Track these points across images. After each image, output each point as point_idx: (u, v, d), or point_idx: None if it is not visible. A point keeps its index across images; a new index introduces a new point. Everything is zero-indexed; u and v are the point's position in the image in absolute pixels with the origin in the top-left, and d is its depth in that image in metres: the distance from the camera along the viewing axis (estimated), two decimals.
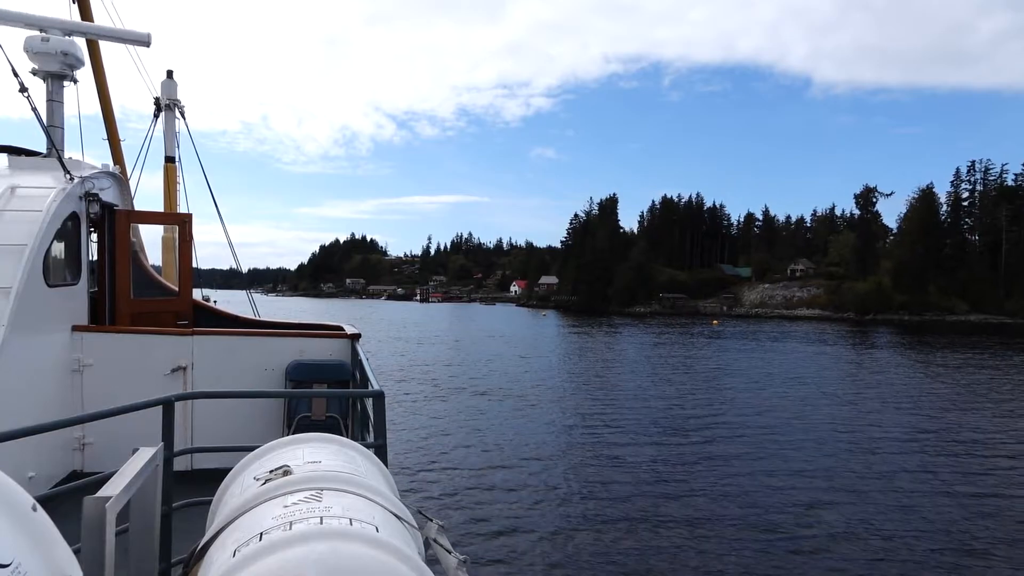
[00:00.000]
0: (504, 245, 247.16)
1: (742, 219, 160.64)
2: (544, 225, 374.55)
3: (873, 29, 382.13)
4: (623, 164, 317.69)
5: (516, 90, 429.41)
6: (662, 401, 23.97)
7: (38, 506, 1.40)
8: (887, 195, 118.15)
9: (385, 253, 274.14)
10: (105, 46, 10.34)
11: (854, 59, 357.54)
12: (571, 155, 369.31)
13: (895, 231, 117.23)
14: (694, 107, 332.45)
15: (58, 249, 5.95)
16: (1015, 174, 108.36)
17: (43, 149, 6.69)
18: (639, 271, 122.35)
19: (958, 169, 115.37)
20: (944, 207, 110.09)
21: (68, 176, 6.12)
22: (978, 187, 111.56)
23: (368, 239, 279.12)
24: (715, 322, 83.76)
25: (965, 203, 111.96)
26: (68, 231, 6.08)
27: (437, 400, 23.32)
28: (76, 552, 1.57)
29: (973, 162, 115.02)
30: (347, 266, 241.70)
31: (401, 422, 18.72)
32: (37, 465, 5.36)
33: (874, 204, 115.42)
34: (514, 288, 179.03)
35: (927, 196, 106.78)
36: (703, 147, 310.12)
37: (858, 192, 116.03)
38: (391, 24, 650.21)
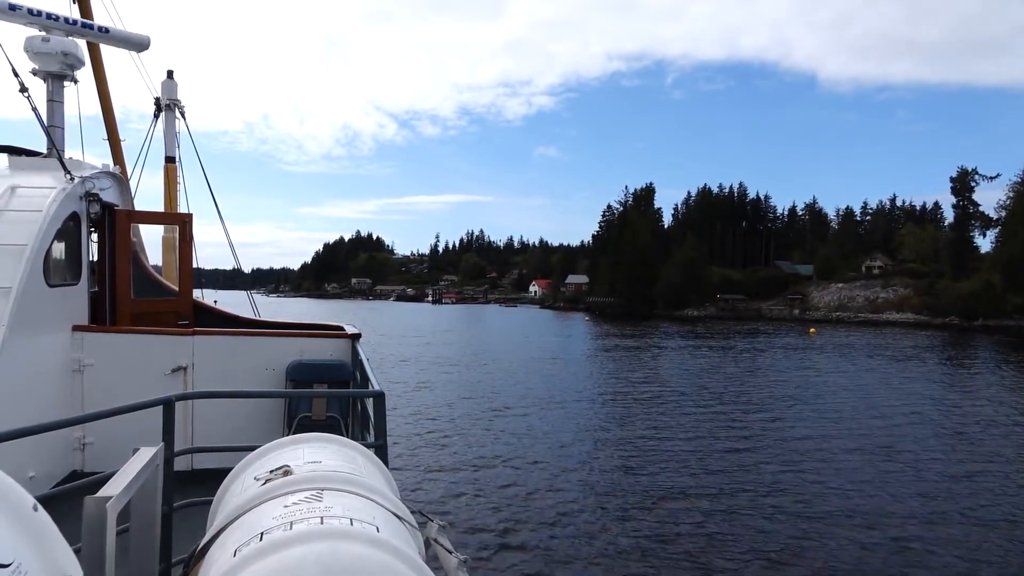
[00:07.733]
0: (515, 244, 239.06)
1: (786, 212, 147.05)
2: (547, 224, 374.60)
3: (879, 22, 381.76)
4: (626, 163, 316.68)
5: (518, 88, 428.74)
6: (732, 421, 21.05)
7: (39, 506, 1.40)
8: (991, 178, 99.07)
9: (392, 252, 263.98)
10: (106, 46, 10.34)
11: (861, 54, 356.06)
12: (574, 154, 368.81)
13: (997, 220, 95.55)
14: (698, 105, 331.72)
15: (58, 249, 5.95)
16: None
17: (43, 149, 6.69)
18: (689, 269, 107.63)
19: None
20: None
21: (68, 176, 6.13)
22: None
23: (374, 237, 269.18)
24: (812, 331, 71.30)
25: None
26: (68, 231, 6.08)
27: (438, 402, 23.29)
28: (76, 552, 1.58)
29: None
30: (352, 265, 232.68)
31: (402, 422, 18.71)
32: (37, 465, 5.37)
33: (972, 190, 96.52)
34: (533, 288, 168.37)
35: None
36: (707, 145, 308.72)
37: (953, 175, 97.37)
38: (391, 22, 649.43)
